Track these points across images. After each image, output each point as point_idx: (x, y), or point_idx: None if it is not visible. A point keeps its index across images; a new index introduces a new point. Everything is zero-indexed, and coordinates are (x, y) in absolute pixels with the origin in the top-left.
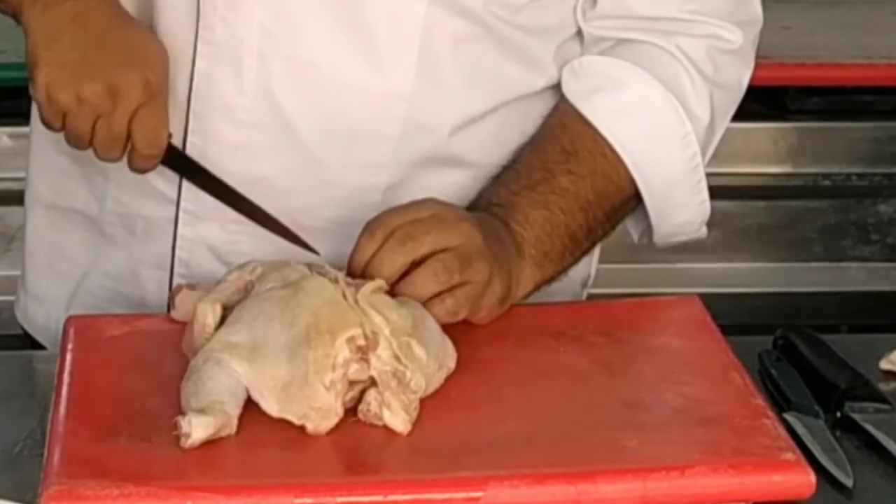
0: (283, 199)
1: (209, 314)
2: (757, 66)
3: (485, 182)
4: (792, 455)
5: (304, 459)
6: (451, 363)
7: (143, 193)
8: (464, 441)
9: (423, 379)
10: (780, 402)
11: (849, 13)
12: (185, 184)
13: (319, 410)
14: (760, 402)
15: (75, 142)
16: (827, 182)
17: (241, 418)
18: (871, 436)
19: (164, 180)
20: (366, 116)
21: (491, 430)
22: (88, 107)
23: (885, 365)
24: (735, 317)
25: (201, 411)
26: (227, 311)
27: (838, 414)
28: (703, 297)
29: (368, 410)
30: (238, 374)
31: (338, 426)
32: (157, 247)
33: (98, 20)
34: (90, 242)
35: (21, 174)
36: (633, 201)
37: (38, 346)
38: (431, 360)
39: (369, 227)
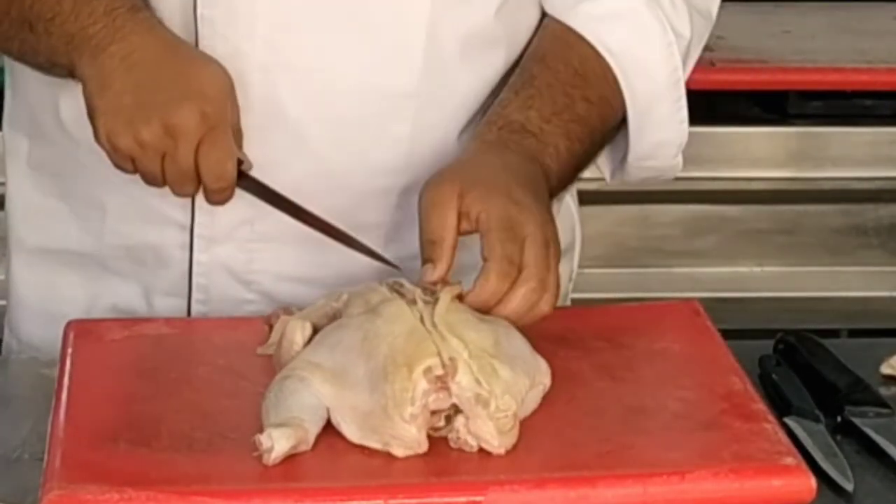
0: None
1: (298, 332)
2: (757, 70)
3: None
4: (792, 459)
5: (304, 464)
6: (546, 380)
7: (148, 222)
8: None
9: (512, 399)
10: (780, 407)
11: (849, 17)
12: (199, 208)
13: (402, 441)
14: (761, 406)
15: (150, 182)
16: (827, 186)
17: (243, 424)
18: (871, 440)
19: (175, 206)
20: (375, 117)
21: None
22: (151, 149)
23: (885, 369)
24: (735, 321)
25: (280, 425)
26: (315, 333)
27: (839, 418)
28: (703, 301)
29: (458, 438)
30: (320, 394)
31: (337, 431)
32: (172, 273)
33: (146, 58)
34: (88, 279)
35: None
36: (618, 125)
37: None
38: (520, 378)
39: (500, 269)
